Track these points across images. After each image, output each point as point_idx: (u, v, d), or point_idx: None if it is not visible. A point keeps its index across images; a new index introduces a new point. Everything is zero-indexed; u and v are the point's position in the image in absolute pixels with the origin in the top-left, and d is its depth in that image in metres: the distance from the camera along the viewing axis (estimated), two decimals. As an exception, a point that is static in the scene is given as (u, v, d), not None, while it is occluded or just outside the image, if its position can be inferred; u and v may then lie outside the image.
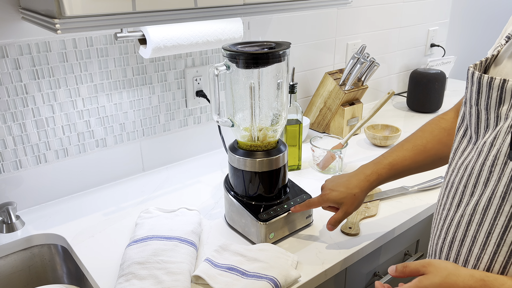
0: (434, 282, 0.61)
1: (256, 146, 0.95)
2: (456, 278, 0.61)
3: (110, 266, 0.88)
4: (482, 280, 0.59)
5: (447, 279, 0.61)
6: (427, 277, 0.62)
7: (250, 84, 0.89)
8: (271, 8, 1.00)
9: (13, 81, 0.99)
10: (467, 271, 0.61)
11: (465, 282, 0.60)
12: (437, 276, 0.62)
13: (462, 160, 0.67)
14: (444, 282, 0.61)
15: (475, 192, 0.63)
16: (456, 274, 0.61)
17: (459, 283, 0.60)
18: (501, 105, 0.59)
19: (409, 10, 1.88)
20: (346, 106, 1.49)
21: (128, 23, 0.80)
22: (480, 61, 0.65)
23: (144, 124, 1.23)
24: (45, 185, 1.10)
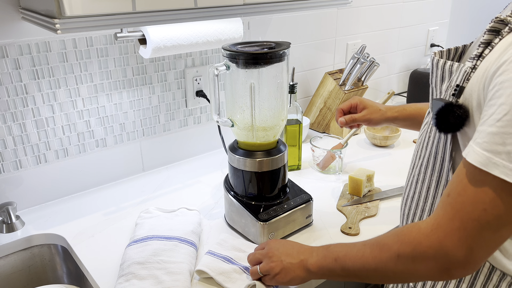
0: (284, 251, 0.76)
1: (256, 146, 0.95)
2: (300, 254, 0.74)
3: (110, 266, 0.88)
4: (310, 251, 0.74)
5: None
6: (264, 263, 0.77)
7: (250, 84, 0.89)
8: (271, 8, 1.00)
9: (13, 81, 0.99)
10: (305, 247, 0.75)
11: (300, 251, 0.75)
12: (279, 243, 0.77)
13: (421, 132, 0.77)
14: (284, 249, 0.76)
15: (420, 156, 0.74)
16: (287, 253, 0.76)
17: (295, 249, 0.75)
18: (443, 82, 0.67)
19: (409, 10, 1.88)
20: None
21: (128, 23, 0.80)
22: (448, 49, 0.73)
23: (144, 124, 1.23)
24: (45, 185, 1.10)
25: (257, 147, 0.95)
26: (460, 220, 0.54)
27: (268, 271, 0.76)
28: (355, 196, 1.13)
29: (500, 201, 0.52)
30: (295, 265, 0.74)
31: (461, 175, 0.56)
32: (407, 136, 1.51)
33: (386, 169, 1.28)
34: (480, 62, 0.59)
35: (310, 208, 0.99)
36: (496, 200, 0.52)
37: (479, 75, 0.58)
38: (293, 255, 0.75)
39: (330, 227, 1.00)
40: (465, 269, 0.56)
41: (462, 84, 0.61)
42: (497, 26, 0.58)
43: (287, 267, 0.75)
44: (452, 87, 0.63)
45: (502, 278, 0.65)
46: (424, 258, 0.57)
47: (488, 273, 0.66)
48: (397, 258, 0.60)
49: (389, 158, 1.36)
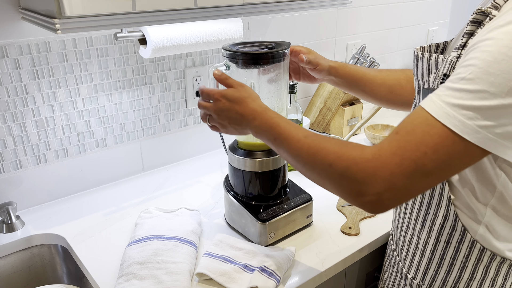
0: (234, 95, 0.76)
1: (256, 146, 0.94)
2: (251, 101, 0.76)
3: (110, 266, 0.88)
4: (266, 108, 0.75)
5: (245, 98, 0.76)
6: (233, 90, 0.77)
7: (250, 84, 0.89)
8: (271, 8, 1.00)
9: (13, 81, 0.99)
10: (260, 103, 0.76)
11: (254, 106, 0.75)
12: (239, 93, 0.76)
13: None
14: (240, 98, 0.76)
15: None
16: (253, 98, 0.76)
17: (249, 104, 0.75)
18: (429, 74, 0.69)
19: (409, 10, 1.88)
20: (346, 106, 1.49)
21: (128, 23, 0.80)
22: (429, 45, 0.76)
23: (144, 124, 1.23)
24: (45, 185, 1.10)
25: (257, 147, 0.94)
26: (400, 156, 0.56)
27: (214, 122, 0.81)
28: (355, 196, 1.13)
29: (442, 148, 0.54)
30: (238, 130, 0.78)
31: (413, 117, 0.58)
32: (407, 136, 1.50)
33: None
34: (464, 51, 0.61)
35: (310, 208, 0.99)
36: (439, 146, 0.54)
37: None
38: (237, 122, 0.77)
39: (330, 227, 1.00)
40: (378, 204, 0.58)
41: (449, 73, 0.63)
42: (478, 18, 0.61)
43: (230, 131, 0.80)
44: (439, 77, 0.65)
45: (493, 259, 0.68)
46: (351, 179, 0.59)
47: (479, 254, 0.69)
48: (328, 166, 0.62)
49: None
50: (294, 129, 0.70)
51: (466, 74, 0.54)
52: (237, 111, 0.75)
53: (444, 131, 0.54)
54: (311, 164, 0.65)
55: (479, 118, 0.52)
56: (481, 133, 0.53)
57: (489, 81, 0.52)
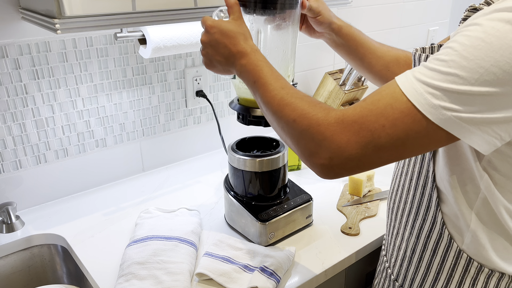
0: (227, 27, 0.73)
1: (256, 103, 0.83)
2: (243, 38, 0.72)
3: (110, 266, 0.88)
4: (256, 50, 0.72)
5: (238, 34, 0.72)
6: (227, 22, 0.73)
7: (256, 31, 0.81)
8: (271, 8, 0.99)
9: (13, 81, 0.99)
10: (251, 44, 0.73)
11: (244, 44, 0.72)
12: (234, 26, 0.73)
13: None
14: (233, 32, 0.72)
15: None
16: (246, 36, 0.73)
17: (241, 41, 0.72)
18: None
19: (409, 10, 1.88)
20: (346, 106, 1.49)
21: (128, 23, 0.80)
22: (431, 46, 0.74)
23: (144, 124, 1.23)
24: (45, 185, 1.10)
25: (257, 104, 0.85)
26: (359, 125, 0.56)
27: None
28: (355, 196, 1.13)
29: (401, 123, 0.53)
30: (224, 67, 0.75)
31: (384, 87, 0.57)
32: (407, 136, 1.50)
33: (386, 169, 1.27)
34: None
35: (310, 208, 0.99)
36: (398, 121, 0.53)
37: None
38: (224, 58, 0.74)
39: (330, 227, 1.00)
40: (327, 169, 0.59)
41: None
42: (471, 15, 0.59)
43: (216, 67, 0.77)
44: None
45: (480, 271, 0.66)
46: (309, 138, 0.59)
47: (465, 265, 0.67)
48: (292, 121, 0.62)
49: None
50: (275, 78, 0.68)
51: (442, 56, 0.53)
52: (226, 45, 0.72)
53: (407, 106, 0.53)
54: (277, 116, 0.65)
55: (446, 100, 0.51)
56: (445, 114, 0.51)
57: (461, 65, 0.50)
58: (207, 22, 0.74)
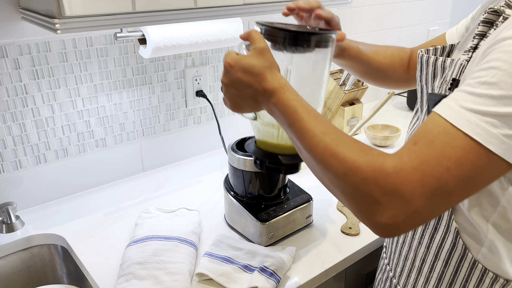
0: (251, 63, 0.64)
1: (279, 148, 0.75)
2: (270, 73, 0.63)
3: (110, 266, 0.88)
4: (285, 85, 0.63)
5: (264, 69, 0.63)
6: (250, 57, 0.64)
7: (285, 69, 0.72)
8: (271, 8, 1.00)
9: (13, 81, 0.99)
10: (279, 77, 0.64)
11: (272, 80, 0.63)
12: (258, 60, 0.64)
13: (411, 132, 0.73)
14: (258, 69, 0.63)
15: None
16: (273, 70, 0.64)
17: (268, 77, 0.63)
18: (435, 79, 0.66)
19: (409, 10, 1.88)
20: (346, 106, 1.49)
21: (128, 23, 0.80)
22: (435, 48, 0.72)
23: (144, 124, 1.23)
24: (45, 185, 1.10)
25: (280, 149, 0.75)
26: (422, 173, 0.49)
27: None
28: (355, 196, 1.13)
29: (466, 161, 0.48)
30: (252, 106, 0.67)
31: (430, 126, 0.52)
32: (407, 136, 1.51)
33: (386, 169, 1.28)
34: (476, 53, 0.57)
35: (310, 208, 0.99)
36: (462, 160, 0.48)
37: (472, 64, 0.56)
38: (249, 100, 0.66)
39: (330, 227, 1.00)
40: (391, 228, 0.51)
41: (458, 77, 0.59)
42: (491, 18, 0.56)
43: (242, 107, 0.68)
44: (447, 82, 0.61)
45: (495, 281, 0.63)
46: (366, 195, 0.51)
47: (480, 276, 0.64)
48: (343, 175, 0.54)
49: (389, 158, 1.36)
50: (313, 119, 0.59)
51: (488, 78, 0.48)
52: (251, 84, 0.63)
53: (467, 142, 0.48)
54: (324, 167, 0.56)
55: (505, 127, 0.47)
56: (507, 143, 0.47)
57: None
58: (227, 60, 0.65)
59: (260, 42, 0.65)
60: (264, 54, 0.64)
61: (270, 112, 0.65)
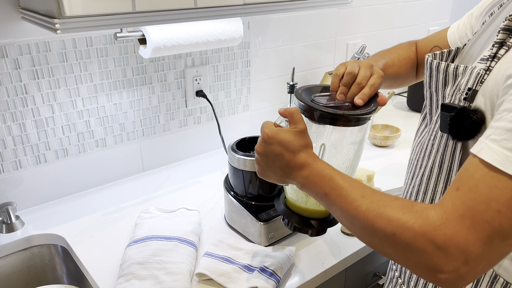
0: (293, 143, 0.65)
1: (308, 212, 0.76)
2: (304, 150, 0.65)
3: (110, 266, 0.88)
4: (316, 158, 0.64)
5: (301, 148, 0.65)
6: (292, 135, 0.65)
7: (320, 145, 0.73)
8: (271, 8, 1.00)
9: (13, 81, 0.98)
10: (311, 153, 0.65)
11: (305, 155, 0.64)
12: (297, 139, 0.65)
13: (419, 140, 0.72)
14: (296, 147, 0.65)
15: (422, 165, 0.69)
16: (307, 148, 0.66)
17: (302, 153, 0.64)
18: (446, 86, 0.64)
19: (409, 10, 1.88)
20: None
21: (128, 23, 0.80)
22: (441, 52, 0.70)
23: (144, 124, 1.23)
24: (45, 185, 1.10)
25: (309, 213, 0.76)
26: (471, 219, 0.48)
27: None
28: (355, 196, 1.12)
29: None
30: (279, 178, 0.68)
31: (471, 170, 0.50)
32: (407, 136, 1.51)
33: (386, 169, 1.28)
34: (495, 63, 0.55)
35: (310, 208, 0.99)
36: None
37: (497, 75, 0.54)
38: (282, 170, 0.67)
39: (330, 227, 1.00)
40: (457, 281, 0.50)
41: (475, 87, 0.56)
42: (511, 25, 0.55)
43: (268, 176, 0.70)
44: (462, 91, 0.59)
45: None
46: (420, 251, 0.50)
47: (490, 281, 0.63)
48: (391, 235, 0.53)
49: (389, 158, 1.36)
50: (349, 185, 0.59)
51: None
52: (284, 157, 0.65)
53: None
54: (370, 230, 0.55)
55: None
56: None
57: None
58: (265, 131, 0.67)
59: (301, 124, 0.67)
60: (302, 135, 0.66)
61: (299, 185, 0.65)
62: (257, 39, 1.38)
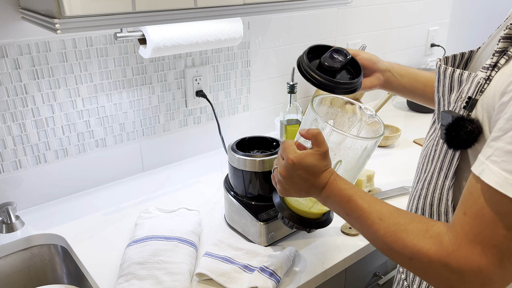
0: (316, 167, 0.69)
1: (309, 214, 0.81)
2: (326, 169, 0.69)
3: (110, 266, 0.88)
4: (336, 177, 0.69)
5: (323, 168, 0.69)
6: (314, 159, 0.69)
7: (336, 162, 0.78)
8: (271, 8, 1.00)
9: (13, 81, 0.98)
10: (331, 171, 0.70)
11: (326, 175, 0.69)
12: (319, 162, 0.69)
13: (427, 144, 0.73)
14: (319, 169, 0.69)
15: (426, 170, 0.70)
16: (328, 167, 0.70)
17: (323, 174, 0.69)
18: (451, 92, 0.64)
19: (409, 10, 1.88)
20: None
21: (128, 23, 0.80)
22: (454, 55, 0.70)
23: (144, 124, 1.23)
24: (45, 185, 1.10)
25: (309, 215, 0.82)
26: (481, 244, 0.50)
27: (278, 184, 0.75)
28: (355, 196, 1.13)
29: None
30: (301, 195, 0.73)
31: (475, 193, 0.51)
32: (407, 136, 1.51)
33: (386, 169, 1.28)
34: (495, 72, 0.55)
35: (310, 208, 0.99)
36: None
37: (496, 88, 0.54)
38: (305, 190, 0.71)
39: (330, 227, 1.00)
40: None
41: (474, 96, 0.57)
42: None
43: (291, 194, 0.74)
44: (463, 99, 0.59)
45: None
46: (437, 275, 0.54)
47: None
48: (408, 260, 0.57)
49: (389, 158, 1.36)
50: (368, 206, 0.63)
51: None
52: (308, 179, 0.69)
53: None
54: (389, 253, 0.60)
55: None
56: None
57: None
58: (290, 157, 0.70)
59: (324, 146, 0.70)
60: (325, 157, 0.70)
61: (322, 202, 0.70)
62: (257, 39, 1.38)
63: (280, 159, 0.74)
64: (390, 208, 0.62)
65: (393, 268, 1.15)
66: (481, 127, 0.56)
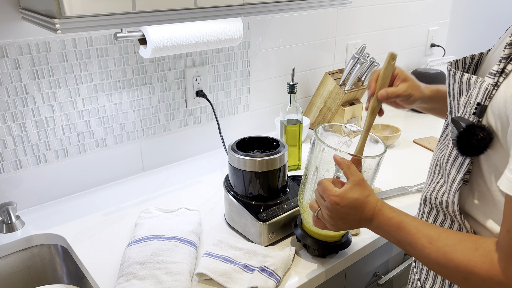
0: (355, 200, 0.71)
1: (321, 236, 0.88)
2: (368, 200, 0.71)
3: (110, 266, 0.88)
4: (382, 205, 0.71)
5: (364, 199, 0.71)
6: (352, 193, 0.71)
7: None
8: (271, 8, 1.00)
9: (13, 81, 0.99)
10: (375, 199, 0.72)
11: (371, 206, 0.71)
12: (359, 193, 0.71)
13: (440, 147, 0.73)
14: (360, 202, 0.71)
15: (439, 172, 0.71)
16: (370, 196, 0.71)
17: (368, 205, 0.71)
18: (461, 96, 0.64)
19: (409, 10, 1.88)
20: (346, 106, 1.49)
21: (128, 23, 0.80)
22: (464, 58, 0.70)
23: (144, 124, 1.23)
24: (45, 185, 1.10)
25: (321, 237, 0.88)
26: None
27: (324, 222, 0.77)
28: (355, 196, 1.12)
29: None
30: (351, 228, 0.75)
31: (510, 210, 0.53)
32: (407, 136, 1.51)
33: (386, 169, 1.28)
34: (503, 79, 0.55)
35: (310, 208, 0.99)
36: None
37: (505, 96, 0.54)
38: (353, 226, 0.73)
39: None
40: None
41: (483, 102, 0.57)
42: None
43: (342, 229, 0.75)
44: (472, 105, 0.59)
45: None
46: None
47: None
48: (463, 279, 0.58)
49: (389, 158, 1.36)
50: (416, 231, 0.64)
51: None
52: (355, 214, 0.71)
53: None
54: (444, 274, 0.62)
55: None
56: None
57: None
58: (332, 198, 0.71)
59: (358, 174, 0.72)
60: (362, 184, 0.72)
61: (374, 231, 0.72)
62: (257, 39, 1.38)
63: (320, 200, 0.75)
64: (438, 230, 0.63)
65: (393, 268, 1.15)
66: (493, 133, 0.56)
